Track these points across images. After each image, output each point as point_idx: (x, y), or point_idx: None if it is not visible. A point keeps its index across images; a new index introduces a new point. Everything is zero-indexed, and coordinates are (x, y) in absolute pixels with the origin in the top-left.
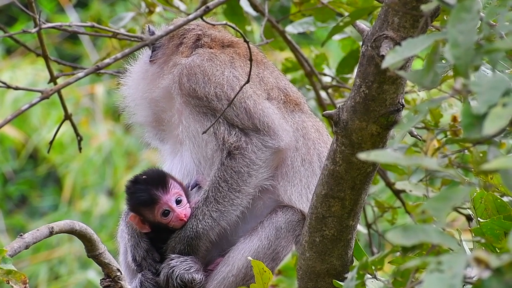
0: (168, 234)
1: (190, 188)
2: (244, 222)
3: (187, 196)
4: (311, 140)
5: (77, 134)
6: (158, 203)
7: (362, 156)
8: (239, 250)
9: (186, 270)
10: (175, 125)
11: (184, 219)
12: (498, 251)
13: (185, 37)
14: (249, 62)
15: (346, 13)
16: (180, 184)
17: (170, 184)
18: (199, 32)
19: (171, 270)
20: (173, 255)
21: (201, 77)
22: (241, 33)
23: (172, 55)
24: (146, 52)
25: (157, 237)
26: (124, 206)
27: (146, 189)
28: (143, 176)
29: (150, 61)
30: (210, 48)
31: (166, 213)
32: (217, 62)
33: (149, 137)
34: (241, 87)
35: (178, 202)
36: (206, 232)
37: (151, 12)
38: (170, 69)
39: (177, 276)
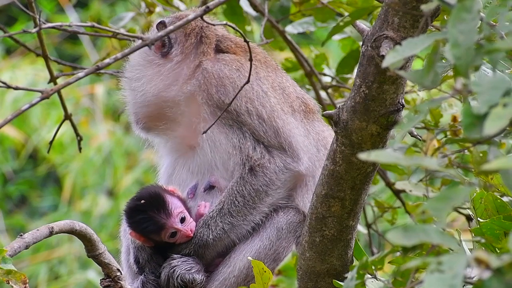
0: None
1: (203, 189)
2: (253, 232)
3: (187, 208)
4: None
5: (77, 134)
6: (164, 229)
7: (363, 156)
8: (240, 251)
9: (187, 270)
10: (198, 131)
11: (191, 234)
12: (498, 251)
13: (203, 36)
14: (271, 69)
15: (346, 13)
16: (179, 197)
17: (172, 206)
18: (218, 33)
19: (172, 270)
20: (175, 255)
21: (231, 90)
22: (241, 33)
23: (192, 54)
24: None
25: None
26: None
27: (150, 218)
28: (142, 201)
29: (163, 56)
30: (234, 53)
31: (173, 234)
32: (245, 74)
33: (148, 133)
34: (241, 87)
35: (182, 220)
36: (215, 243)
37: (151, 12)
38: (194, 71)
39: (178, 276)
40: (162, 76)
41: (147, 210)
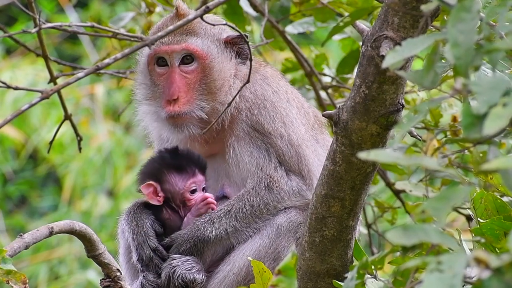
0: (172, 223)
1: (216, 198)
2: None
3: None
4: None
5: (77, 134)
6: (194, 176)
7: (362, 155)
8: (240, 249)
9: (188, 270)
10: (226, 143)
11: (210, 202)
12: (498, 251)
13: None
14: (286, 81)
15: (346, 13)
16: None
17: (206, 172)
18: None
19: (172, 270)
20: (175, 255)
21: (271, 113)
22: (240, 33)
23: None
24: (228, 50)
25: (159, 219)
26: (125, 206)
27: (188, 159)
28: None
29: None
30: (261, 65)
31: (193, 191)
32: (281, 96)
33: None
34: (241, 87)
35: (203, 189)
36: (215, 241)
37: (151, 12)
38: (242, 79)
39: (179, 276)
40: (239, 83)
41: (192, 157)
